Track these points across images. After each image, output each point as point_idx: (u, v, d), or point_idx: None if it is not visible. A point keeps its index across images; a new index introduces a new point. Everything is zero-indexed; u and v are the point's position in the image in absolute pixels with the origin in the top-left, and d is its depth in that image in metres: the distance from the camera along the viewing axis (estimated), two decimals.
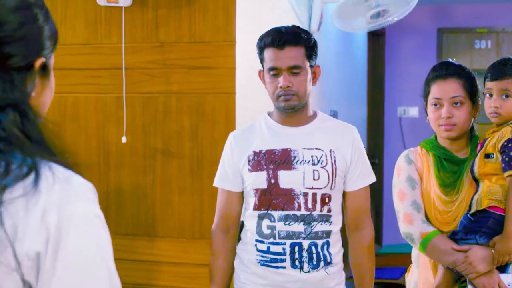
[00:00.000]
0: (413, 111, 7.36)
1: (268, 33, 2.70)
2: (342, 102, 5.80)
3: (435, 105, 2.66)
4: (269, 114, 2.81)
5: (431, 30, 7.48)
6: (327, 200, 2.67)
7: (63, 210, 1.10)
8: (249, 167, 2.70)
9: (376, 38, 7.34)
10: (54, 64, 1.32)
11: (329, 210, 2.67)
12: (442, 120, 2.64)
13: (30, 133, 1.15)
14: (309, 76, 2.69)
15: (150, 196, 3.53)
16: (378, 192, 7.08)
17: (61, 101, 3.58)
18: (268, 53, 2.67)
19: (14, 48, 1.18)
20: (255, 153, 2.71)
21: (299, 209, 2.64)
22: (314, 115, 2.79)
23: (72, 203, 1.12)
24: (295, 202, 2.65)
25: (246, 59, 3.44)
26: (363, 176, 2.76)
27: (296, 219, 2.64)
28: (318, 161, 2.67)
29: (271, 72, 2.67)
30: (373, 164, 7.75)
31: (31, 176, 1.10)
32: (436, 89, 2.66)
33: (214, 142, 3.39)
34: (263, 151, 2.70)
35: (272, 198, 2.66)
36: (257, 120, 2.84)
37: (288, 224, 2.64)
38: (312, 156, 2.68)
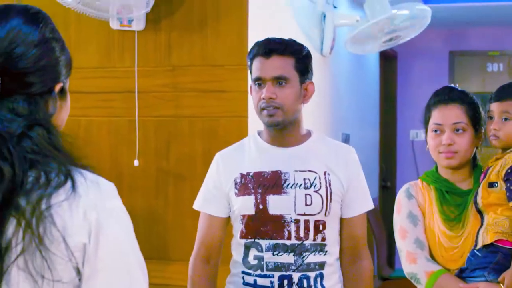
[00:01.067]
0: None
1: (257, 43, 2.48)
2: (354, 126, 5.79)
3: (436, 131, 2.50)
4: (259, 133, 2.57)
5: (443, 53, 7.48)
6: (321, 227, 2.43)
7: (99, 207, 1.32)
8: (236, 191, 2.46)
9: (388, 61, 7.34)
10: (68, 87, 1.48)
11: (323, 239, 2.43)
12: (442, 147, 2.47)
13: (57, 146, 1.35)
14: (298, 90, 2.44)
15: (163, 220, 3.53)
16: (390, 214, 7.01)
17: (74, 124, 3.59)
18: (255, 63, 2.45)
19: (35, 77, 1.36)
20: (242, 175, 2.46)
21: (289, 238, 2.40)
22: (308, 134, 2.53)
23: (105, 201, 1.34)
24: (285, 230, 2.40)
25: None
26: (361, 201, 2.53)
27: (286, 249, 2.40)
28: (311, 185, 2.43)
29: (256, 83, 2.45)
30: (385, 188, 7.69)
31: (69, 183, 1.31)
32: (437, 115, 2.51)
33: None
34: (251, 174, 2.45)
35: (260, 225, 2.42)
36: (246, 139, 2.61)
37: (277, 254, 2.40)
38: (304, 179, 2.43)
